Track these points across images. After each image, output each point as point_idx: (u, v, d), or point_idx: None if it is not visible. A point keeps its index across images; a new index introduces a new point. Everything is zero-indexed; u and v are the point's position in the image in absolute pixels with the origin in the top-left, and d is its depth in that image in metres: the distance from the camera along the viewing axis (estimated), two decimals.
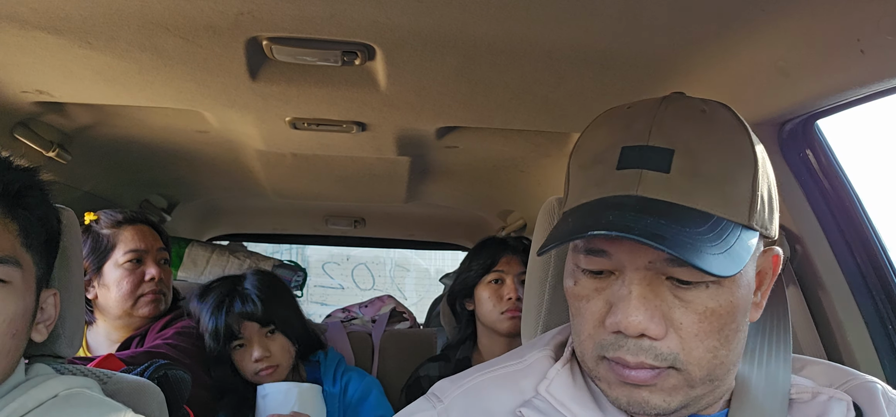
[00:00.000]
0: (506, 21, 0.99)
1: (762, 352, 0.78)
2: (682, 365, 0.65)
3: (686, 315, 0.65)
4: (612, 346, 0.66)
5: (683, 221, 0.62)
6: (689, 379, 0.66)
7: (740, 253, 0.63)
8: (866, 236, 1.19)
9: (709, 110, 0.68)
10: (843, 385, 0.77)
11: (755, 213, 0.65)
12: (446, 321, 2.08)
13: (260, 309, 1.64)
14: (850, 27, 0.88)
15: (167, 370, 1.13)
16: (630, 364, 0.65)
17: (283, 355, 1.68)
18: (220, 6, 0.97)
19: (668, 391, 0.66)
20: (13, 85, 1.32)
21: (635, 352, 0.65)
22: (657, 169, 0.64)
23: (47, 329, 0.91)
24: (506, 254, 1.83)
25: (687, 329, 0.65)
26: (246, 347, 1.65)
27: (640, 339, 0.65)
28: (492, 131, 1.67)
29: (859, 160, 1.33)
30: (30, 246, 0.85)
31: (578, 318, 0.70)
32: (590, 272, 0.68)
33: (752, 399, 0.73)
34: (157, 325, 1.66)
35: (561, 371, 0.75)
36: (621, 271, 0.66)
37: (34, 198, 0.86)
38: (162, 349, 1.51)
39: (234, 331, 1.63)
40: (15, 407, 0.83)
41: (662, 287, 0.65)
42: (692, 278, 0.64)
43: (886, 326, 1.16)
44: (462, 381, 0.77)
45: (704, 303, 0.65)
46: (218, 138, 1.76)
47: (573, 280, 0.70)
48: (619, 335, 0.66)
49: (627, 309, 0.64)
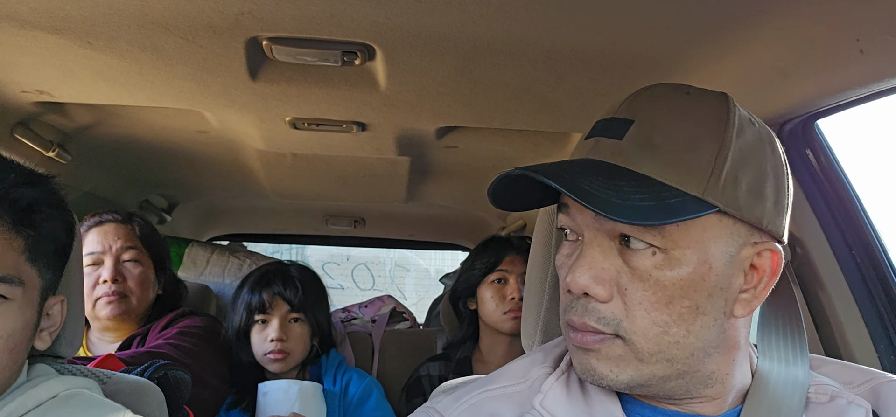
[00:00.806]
0: (505, 21, 0.99)
1: (781, 350, 0.77)
2: (626, 334, 0.65)
3: (632, 282, 0.65)
4: (568, 309, 0.68)
5: (618, 181, 0.63)
6: (635, 351, 0.65)
7: (676, 212, 0.62)
8: (866, 236, 1.19)
9: (694, 93, 0.69)
10: (862, 384, 0.75)
11: (714, 188, 0.63)
12: (447, 320, 2.08)
13: (296, 295, 1.69)
14: (850, 27, 0.87)
15: (167, 370, 1.12)
16: (576, 324, 0.67)
17: (299, 345, 1.70)
18: (220, 6, 0.97)
19: (614, 360, 0.66)
20: (13, 85, 1.32)
21: (581, 313, 0.66)
22: (612, 136, 0.67)
23: (51, 336, 0.90)
24: (509, 254, 1.82)
25: (631, 296, 0.65)
26: (267, 324, 1.68)
27: (586, 300, 0.66)
28: (492, 131, 1.67)
29: (859, 160, 1.33)
30: (36, 261, 0.83)
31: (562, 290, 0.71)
32: (563, 233, 0.70)
33: (769, 398, 0.72)
34: (158, 324, 1.65)
35: (555, 384, 0.74)
36: (583, 236, 0.67)
37: (42, 213, 0.84)
38: (163, 349, 1.50)
39: (264, 304, 1.67)
40: (15, 407, 0.82)
41: (613, 251, 0.66)
42: (636, 238, 0.64)
43: (886, 326, 1.16)
44: (465, 397, 0.76)
45: (650, 272, 0.64)
46: (218, 138, 1.76)
47: (558, 253, 0.72)
48: (571, 296, 0.67)
49: (574, 267, 0.66)
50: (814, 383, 0.75)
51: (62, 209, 0.88)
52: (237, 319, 1.71)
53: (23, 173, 0.84)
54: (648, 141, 0.65)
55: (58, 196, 0.88)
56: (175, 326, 1.64)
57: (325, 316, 1.80)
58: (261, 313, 1.69)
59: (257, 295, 1.69)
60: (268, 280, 1.71)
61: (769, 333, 0.77)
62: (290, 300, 1.69)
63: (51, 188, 0.87)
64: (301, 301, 1.70)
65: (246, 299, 1.71)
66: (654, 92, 0.70)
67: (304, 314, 1.71)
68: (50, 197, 0.86)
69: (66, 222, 0.89)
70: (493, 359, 1.85)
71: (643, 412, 0.71)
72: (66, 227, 0.89)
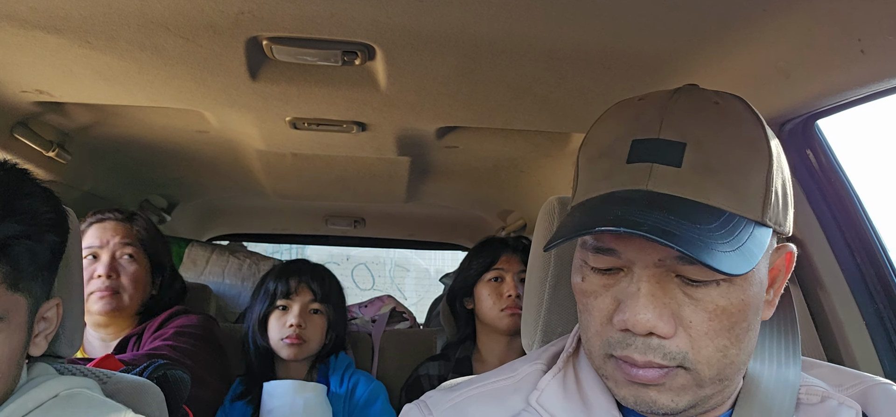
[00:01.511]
0: (506, 21, 0.99)
1: (773, 351, 0.77)
2: (692, 365, 0.64)
3: (696, 313, 0.63)
4: (620, 344, 0.64)
5: (694, 217, 0.60)
6: (697, 379, 0.65)
7: (752, 250, 0.61)
8: (866, 236, 1.19)
9: (722, 102, 0.67)
10: (852, 387, 0.76)
11: (769, 209, 0.64)
12: (446, 320, 2.08)
13: (320, 285, 1.76)
14: (851, 27, 0.87)
15: (166, 370, 1.12)
16: (638, 362, 0.64)
17: (316, 335, 1.74)
18: (220, 6, 0.97)
19: (676, 390, 0.65)
20: (13, 84, 1.32)
21: (643, 351, 0.63)
22: (668, 163, 0.63)
23: (47, 339, 0.90)
24: (506, 253, 1.84)
25: (697, 327, 0.63)
26: (288, 311, 1.73)
27: (649, 338, 0.63)
28: (492, 131, 1.67)
29: (859, 160, 1.33)
30: (18, 287, 0.81)
31: (586, 315, 0.69)
32: (594, 269, 0.67)
33: (760, 399, 0.72)
34: (153, 323, 1.64)
35: (552, 382, 0.74)
36: (630, 268, 0.65)
37: (19, 245, 0.80)
38: (163, 351, 1.50)
39: (289, 290, 1.73)
40: (15, 408, 0.82)
41: (672, 284, 0.63)
42: (702, 277, 0.62)
43: (886, 326, 1.16)
44: (453, 394, 0.76)
45: (715, 301, 0.63)
46: (218, 138, 1.76)
47: (581, 276, 0.69)
48: (627, 333, 0.64)
49: (636, 306, 0.62)
50: (804, 384, 0.75)
51: (44, 229, 0.85)
52: (258, 306, 1.76)
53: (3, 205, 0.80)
54: (707, 166, 0.62)
55: (38, 216, 0.84)
56: (170, 325, 1.63)
57: (342, 315, 1.84)
58: (284, 299, 1.73)
59: (283, 281, 1.74)
60: (294, 268, 1.78)
61: (763, 335, 0.77)
62: (314, 289, 1.75)
63: (29, 213, 0.83)
64: (324, 293, 1.76)
65: (270, 286, 1.76)
66: (687, 104, 0.67)
67: (324, 306, 1.76)
68: (27, 225, 0.82)
69: (50, 241, 0.86)
70: (492, 358, 1.85)
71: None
72: (53, 244, 0.87)
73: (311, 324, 1.74)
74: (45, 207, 0.86)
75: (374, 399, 1.76)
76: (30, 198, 0.84)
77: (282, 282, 1.75)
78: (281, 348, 1.72)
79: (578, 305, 0.71)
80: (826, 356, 1.21)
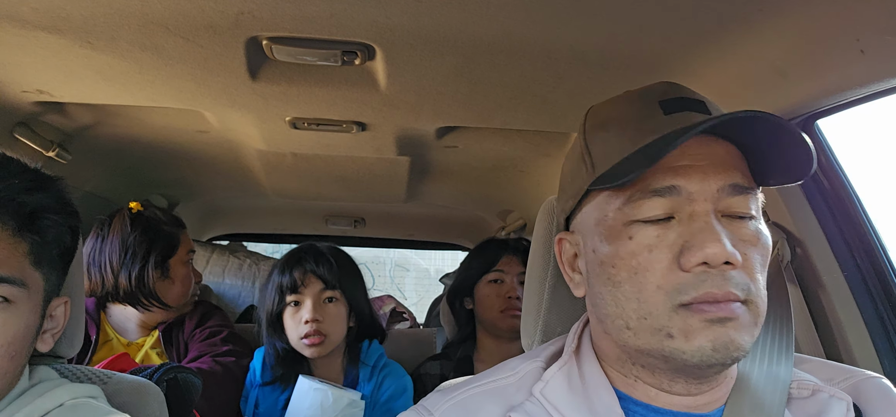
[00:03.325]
0: (505, 21, 0.99)
1: (766, 349, 0.78)
2: (753, 298, 0.64)
3: (747, 246, 0.65)
4: (694, 285, 0.63)
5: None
6: (755, 315, 0.65)
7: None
8: (866, 236, 1.19)
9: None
10: (843, 381, 0.77)
11: None
12: (446, 320, 2.08)
13: (329, 271, 1.60)
14: (850, 27, 0.88)
15: (177, 373, 1.12)
16: (718, 296, 0.62)
17: (336, 326, 1.61)
18: (220, 6, 0.98)
19: (746, 327, 0.64)
20: (14, 84, 1.32)
21: (721, 284, 0.62)
22: (700, 111, 0.68)
23: (54, 337, 0.90)
24: (506, 254, 1.84)
25: (750, 259, 0.65)
26: (300, 306, 1.60)
27: (724, 269, 0.63)
28: (491, 131, 1.67)
29: (859, 160, 1.33)
30: (40, 264, 0.83)
31: (639, 275, 0.66)
32: (646, 221, 0.66)
33: (751, 395, 0.73)
34: (191, 322, 1.72)
35: (557, 374, 0.74)
36: (687, 207, 0.65)
37: (48, 219, 0.83)
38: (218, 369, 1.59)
39: (296, 283, 1.59)
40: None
41: (721, 221, 0.65)
42: (744, 211, 0.66)
43: (886, 326, 1.16)
44: (453, 394, 0.77)
45: (754, 236, 0.66)
46: (218, 138, 1.76)
47: (627, 236, 0.67)
48: (700, 271, 0.63)
49: (710, 237, 0.62)
50: (795, 379, 0.76)
51: (68, 214, 0.88)
52: (269, 303, 1.63)
53: (29, 177, 0.83)
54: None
55: (64, 200, 0.87)
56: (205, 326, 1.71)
57: (362, 295, 1.69)
58: (293, 293, 1.60)
59: (288, 274, 1.60)
60: (299, 258, 1.63)
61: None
62: (323, 277, 1.60)
63: (58, 192, 0.86)
64: (335, 277, 1.61)
65: (277, 280, 1.62)
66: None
67: (338, 292, 1.62)
68: (56, 202, 0.85)
69: (71, 226, 0.89)
70: (493, 358, 1.85)
71: (638, 409, 0.72)
72: (72, 231, 0.89)
73: (328, 315, 1.59)
74: (72, 210, 0.89)
75: (400, 394, 1.68)
76: (64, 198, 0.87)
77: (287, 275, 1.61)
78: (302, 348, 1.59)
79: (619, 274, 0.67)
80: (826, 356, 1.20)
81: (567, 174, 0.79)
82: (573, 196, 0.75)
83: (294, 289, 1.60)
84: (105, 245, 1.63)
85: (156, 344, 1.68)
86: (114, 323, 1.69)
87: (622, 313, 0.67)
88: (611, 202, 0.69)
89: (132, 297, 1.61)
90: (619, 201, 0.68)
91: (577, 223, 0.75)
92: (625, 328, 0.68)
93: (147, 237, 1.63)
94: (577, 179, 0.74)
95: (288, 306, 1.62)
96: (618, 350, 0.72)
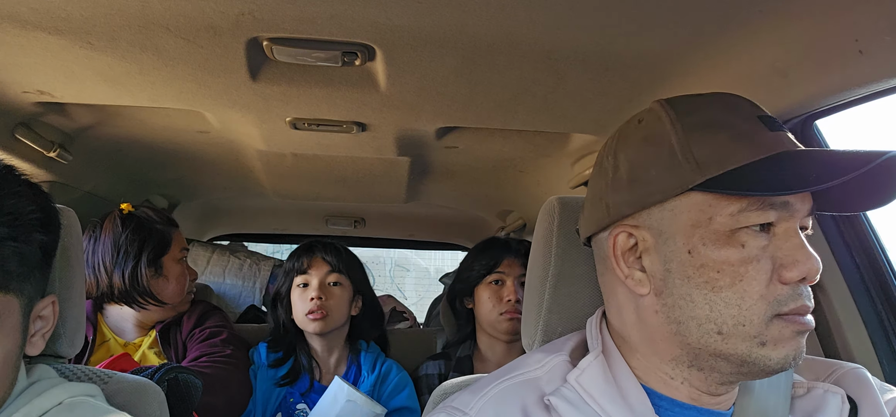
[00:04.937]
0: (505, 21, 0.99)
1: None
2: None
3: None
4: (791, 298, 0.67)
5: None
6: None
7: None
8: (866, 236, 1.19)
9: None
10: (829, 376, 0.80)
11: None
12: (446, 320, 2.09)
13: (336, 257, 1.80)
14: (849, 28, 0.88)
15: (178, 373, 1.12)
16: (806, 310, 0.67)
17: (339, 306, 1.78)
18: (220, 7, 0.98)
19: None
20: (14, 85, 1.32)
21: (808, 297, 0.68)
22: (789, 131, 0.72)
23: (44, 338, 0.88)
24: (508, 257, 1.84)
25: None
26: (307, 286, 1.77)
27: (805, 283, 0.68)
28: (491, 131, 1.67)
29: None
30: (7, 288, 0.79)
31: (743, 283, 0.66)
32: (757, 229, 0.67)
33: (755, 400, 0.75)
34: (188, 322, 1.72)
35: (594, 364, 0.74)
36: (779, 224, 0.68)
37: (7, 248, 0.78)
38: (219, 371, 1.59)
39: (303, 265, 1.78)
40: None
41: None
42: (808, 227, 0.71)
43: (886, 326, 1.16)
44: (483, 390, 0.75)
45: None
46: (218, 138, 1.76)
47: (740, 243, 0.67)
48: (797, 285, 0.67)
49: (808, 255, 0.67)
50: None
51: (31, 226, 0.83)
52: (278, 284, 1.83)
53: None
54: None
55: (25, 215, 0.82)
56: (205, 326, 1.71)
57: (364, 283, 1.86)
58: (301, 274, 1.78)
59: (298, 258, 1.80)
60: (309, 245, 1.83)
61: None
62: (329, 261, 1.79)
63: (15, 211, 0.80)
64: (341, 262, 1.79)
65: (287, 266, 1.83)
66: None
67: (343, 276, 1.79)
68: (13, 224, 0.80)
69: (40, 240, 0.84)
70: (493, 358, 1.85)
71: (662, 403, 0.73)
72: (42, 243, 0.85)
73: (332, 297, 1.76)
74: (32, 206, 0.84)
75: (402, 388, 1.80)
76: (15, 198, 0.82)
77: (297, 260, 1.80)
78: (306, 324, 1.75)
79: (723, 279, 0.67)
80: (825, 356, 1.21)
81: (643, 165, 0.72)
82: (661, 191, 0.70)
83: (302, 271, 1.79)
84: (98, 246, 1.63)
85: (153, 344, 1.68)
86: (111, 324, 1.69)
87: (718, 317, 0.67)
88: (721, 206, 0.67)
89: (128, 296, 1.61)
90: (734, 208, 0.67)
91: (653, 219, 0.71)
92: (715, 332, 0.67)
93: (138, 235, 1.63)
94: (671, 175, 0.69)
95: (296, 287, 1.79)
96: (678, 351, 0.71)
